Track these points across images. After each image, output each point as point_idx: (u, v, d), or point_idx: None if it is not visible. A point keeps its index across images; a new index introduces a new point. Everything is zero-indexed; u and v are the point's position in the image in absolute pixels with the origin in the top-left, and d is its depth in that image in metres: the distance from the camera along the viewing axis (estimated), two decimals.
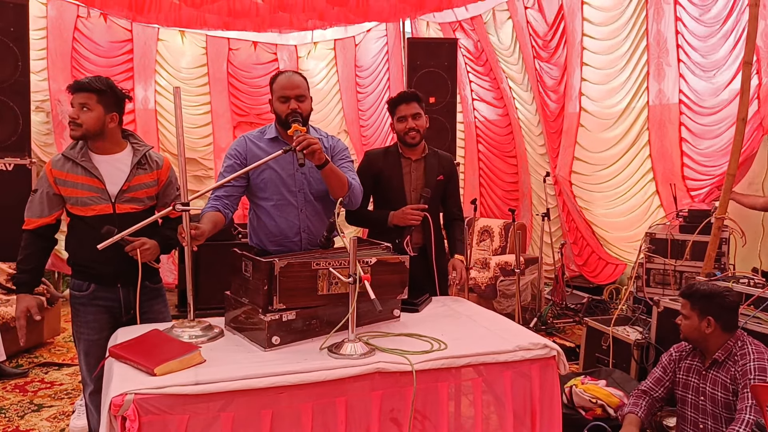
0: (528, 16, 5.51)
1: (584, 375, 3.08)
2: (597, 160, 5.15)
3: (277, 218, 2.47)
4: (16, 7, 4.87)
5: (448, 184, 2.93)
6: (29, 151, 4.94)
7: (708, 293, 2.40)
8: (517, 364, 1.94)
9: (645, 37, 4.54)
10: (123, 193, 2.30)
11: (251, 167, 2.23)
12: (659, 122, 4.59)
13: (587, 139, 5.18)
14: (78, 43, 5.86)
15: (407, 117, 2.76)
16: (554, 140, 5.52)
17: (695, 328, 2.40)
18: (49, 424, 3.18)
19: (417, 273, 2.78)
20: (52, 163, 2.28)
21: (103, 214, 2.26)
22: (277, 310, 1.87)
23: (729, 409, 2.30)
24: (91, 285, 2.33)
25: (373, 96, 7.08)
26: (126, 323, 2.30)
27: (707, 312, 2.37)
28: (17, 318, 2.30)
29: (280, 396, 1.67)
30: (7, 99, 4.82)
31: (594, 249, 5.36)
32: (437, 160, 2.88)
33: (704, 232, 3.53)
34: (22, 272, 2.33)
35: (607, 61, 4.90)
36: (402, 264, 2.15)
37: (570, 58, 5.13)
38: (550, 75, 5.45)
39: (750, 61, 3.20)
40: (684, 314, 2.44)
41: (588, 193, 5.29)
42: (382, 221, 2.75)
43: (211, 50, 6.67)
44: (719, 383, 2.35)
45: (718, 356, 2.37)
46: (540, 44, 5.45)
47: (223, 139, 6.80)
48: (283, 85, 2.40)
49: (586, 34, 4.97)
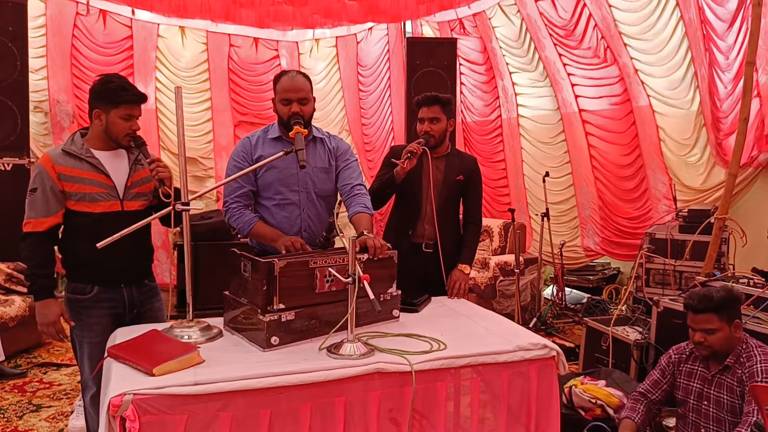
0: (539, 8, 5.44)
1: (584, 375, 3.08)
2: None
3: (278, 217, 2.48)
4: (15, 6, 4.86)
5: (469, 185, 2.95)
6: (28, 151, 4.94)
7: (728, 297, 2.29)
8: (515, 364, 1.94)
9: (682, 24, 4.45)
10: (129, 189, 2.30)
11: (254, 167, 2.25)
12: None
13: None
14: (77, 40, 5.84)
15: (425, 120, 2.82)
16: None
17: (728, 338, 2.29)
18: (48, 425, 3.17)
19: (430, 269, 2.80)
20: (53, 159, 2.20)
21: (110, 212, 2.25)
22: (276, 310, 1.87)
23: (734, 412, 2.26)
24: (95, 287, 2.29)
25: (375, 95, 7.07)
26: (129, 323, 2.29)
27: (734, 316, 2.29)
28: (51, 324, 2.22)
29: (279, 396, 1.67)
30: (5, 98, 4.82)
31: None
32: (459, 159, 2.92)
33: (704, 232, 3.52)
34: (42, 276, 2.23)
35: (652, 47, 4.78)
36: (390, 259, 2.18)
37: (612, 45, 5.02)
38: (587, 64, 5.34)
39: (752, 61, 3.20)
40: (711, 329, 2.28)
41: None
42: (390, 181, 2.77)
43: (212, 46, 6.64)
44: (725, 386, 2.30)
45: (729, 362, 2.30)
46: (562, 34, 5.38)
47: (224, 137, 6.77)
48: (285, 87, 2.40)
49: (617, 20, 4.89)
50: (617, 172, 5.41)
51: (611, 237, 5.57)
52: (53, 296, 2.25)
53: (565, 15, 5.30)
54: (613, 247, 5.59)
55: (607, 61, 5.14)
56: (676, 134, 4.84)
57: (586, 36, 5.20)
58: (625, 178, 5.35)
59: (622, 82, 5.09)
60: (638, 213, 5.28)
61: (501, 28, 6.00)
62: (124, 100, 2.21)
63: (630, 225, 5.34)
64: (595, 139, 5.55)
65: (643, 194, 5.23)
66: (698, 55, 4.38)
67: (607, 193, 5.53)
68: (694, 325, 2.34)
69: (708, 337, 2.29)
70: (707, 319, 2.28)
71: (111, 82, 2.23)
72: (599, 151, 5.54)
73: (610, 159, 5.46)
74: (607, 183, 5.52)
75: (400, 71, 6.62)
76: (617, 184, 5.43)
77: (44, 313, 2.22)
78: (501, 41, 6.04)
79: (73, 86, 5.90)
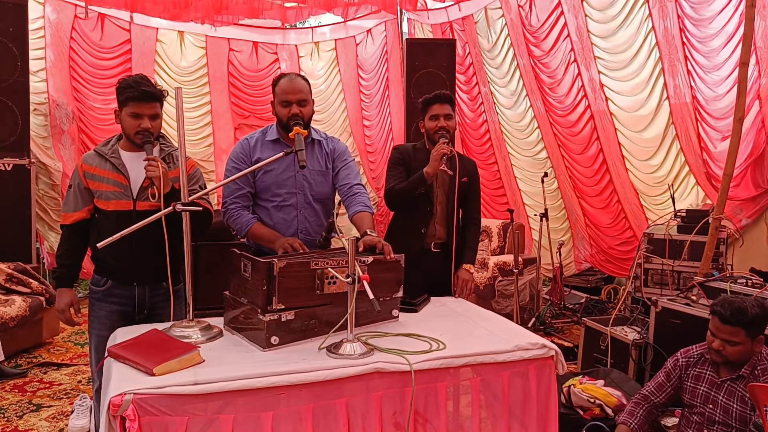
0: (521, 13, 5.45)
1: (582, 375, 3.09)
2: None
3: (275, 218, 2.49)
4: (15, 7, 4.88)
5: (470, 187, 2.97)
6: (28, 151, 4.95)
7: (760, 315, 2.21)
8: (514, 363, 1.95)
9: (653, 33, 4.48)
10: (143, 190, 2.31)
11: (253, 168, 2.25)
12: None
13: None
14: (75, 42, 5.86)
15: (440, 116, 2.81)
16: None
17: (747, 352, 2.24)
18: (48, 424, 3.18)
19: (437, 269, 2.81)
20: (84, 158, 2.36)
21: (122, 210, 2.28)
22: (276, 310, 1.88)
23: (743, 422, 2.23)
24: (108, 281, 2.36)
25: (377, 97, 7.08)
26: (139, 322, 2.30)
27: (759, 332, 2.23)
28: (62, 311, 2.37)
29: (279, 396, 1.68)
30: (6, 99, 4.83)
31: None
32: (462, 161, 2.92)
33: (702, 232, 3.53)
34: (62, 267, 2.39)
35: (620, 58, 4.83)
36: (397, 263, 2.17)
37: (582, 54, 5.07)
38: (547, 73, 5.41)
39: (747, 62, 3.21)
40: (735, 341, 2.22)
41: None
42: (421, 181, 2.75)
43: (211, 51, 6.68)
44: (737, 396, 2.27)
45: (744, 372, 2.26)
46: (534, 41, 5.40)
47: (224, 140, 6.80)
48: (285, 89, 2.41)
49: (591, 32, 4.92)
50: (593, 199, 5.46)
51: (600, 256, 5.62)
52: (70, 286, 2.41)
53: (538, 22, 5.30)
54: (603, 263, 5.63)
55: (569, 73, 5.18)
56: (638, 151, 4.90)
57: (557, 45, 5.22)
58: (598, 197, 5.40)
59: (585, 98, 5.13)
60: (624, 236, 5.29)
61: (482, 35, 6.01)
62: (130, 97, 2.25)
63: (618, 249, 5.37)
64: (568, 152, 5.56)
65: (622, 219, 5.26)
66: (672, 66, 4.38)
67: (590, 209, 5.57)
68: (718, 332, 2.26)
69: (728, 348, 2.24)
70: (734, 332, 2.21)
71: (123, 81, 2.29)
72: (574, 170, 5.54)
73: (586, 184, 5.49)
74: (588, 208, 5.57)
75: (398, 72, 6.63)
76: (593, 203, 5.49)
77: (58, 300, 2.39)
78: (480, 47, 6.05)
79: (72, 89, 5.91)
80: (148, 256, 2.30)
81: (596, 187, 5.37)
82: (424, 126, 2.89)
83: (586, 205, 5.58)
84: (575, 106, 5.26)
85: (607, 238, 5.44)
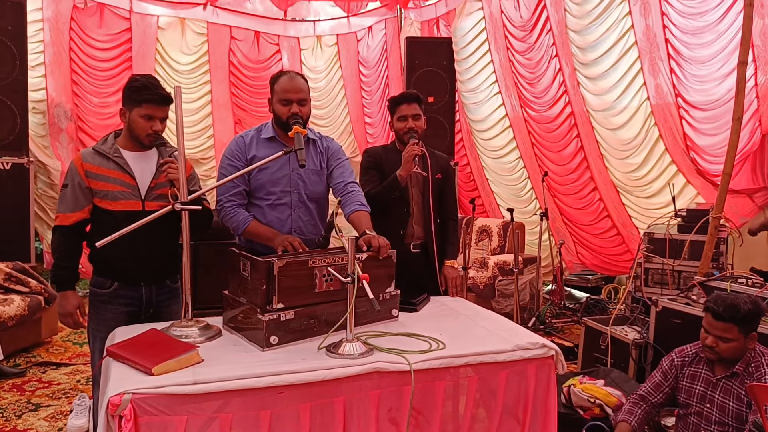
0: (502, 6, 5.37)
1: (582, 374, 3.08)
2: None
3: (269, 217, 2.47)
4: (14, 5, 4.87)
5: (445, 183, 2.96)
6: (27, 150, 4.94)
7: (753, 312, 2.22)
8: (514, 363, 1.94)
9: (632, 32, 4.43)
10: (152, 190, 2.31)
11: (252, 167, 2.23)
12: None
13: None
14: (74, 33, 5.82)
15: (408, 117, 2.81)
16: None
17: (741, 349, 2.25)
18: (47, 424, 3.17)
19: (419, 271, 2.80)
20: (83, 157, 2.29)
21: (130, 210, 2.26)
22: (275, 309, 1.87)
23: (740, 420, 2.23)
24: (114, 283, 2.33)
25: (378, 94, 7.08)
26: (144, 321, 2.29)
27: (753, 328, 2.25)
28: (69, 315, 2.32)
29: (279, 396, 1.67)
30: (4, 98, 4.82)
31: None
32: (435, 159, 2.91)
33: (702, 231, 3.53)
34: (64, 269, 2.32)
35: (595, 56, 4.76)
36: (389, 258, 2.18)
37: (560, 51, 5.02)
38: (528, 68, 5.34)
39: (745, 60, 3.20)
40: (728, 338, 2.23)
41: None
42: (395, 184, 2.76)
43: (213, 38, 6.62)
44: (732, 393, 2.27)
45: (738, 369, 2.27)
46: (518, 36, 5.34)
47: (224, 133, 6.75)
48: (285, 87, 2.40)
49: (569, 27, 4.86)
50: (570, 198, 5.41)
51: (590, 257, 5.60)
52: (73, 288, 2.34)
53: (524, 16, 5.25)
54: (596, 266, 5.60)
55: (548, 71, 5.12)
56: (615, 151, 4.84)
57: (539, 41, 5.16)
58: (576, 195, 5.34)
59: (566, 94, 5.08)
60: (613, 246, 5.24)
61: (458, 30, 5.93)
62: (145, 99, 2.23)
63: (605, 247, 5.34)
64: (543, 150, 5.51)
65: (609, 226, 5.22)
66: (653, 65, 4.33)
67: (567, 209, 5.52)
68: (711, 329, 2.27)
69: (721, 344, 2.25)
70: (727, 328, 2.22)
71: (136, 81, 2.27)
72: (549, 168, 5.47)
73: (561, 182, 5.44)
74: (565, 207, 5.52)
75: (397, 70, 6.63)
76: (569, 203, 5.44)
77: (62, 303, 2.32)
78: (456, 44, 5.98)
79: (72, 82, 5.88)
80: (156, 255, 2.31)
81: (575, 184, 5.32)
82: (392, 127, 2.89)
83: (562, 204, 5.53)
84: (555, 101, 5.19)
85: (590, 237, 5.39)
